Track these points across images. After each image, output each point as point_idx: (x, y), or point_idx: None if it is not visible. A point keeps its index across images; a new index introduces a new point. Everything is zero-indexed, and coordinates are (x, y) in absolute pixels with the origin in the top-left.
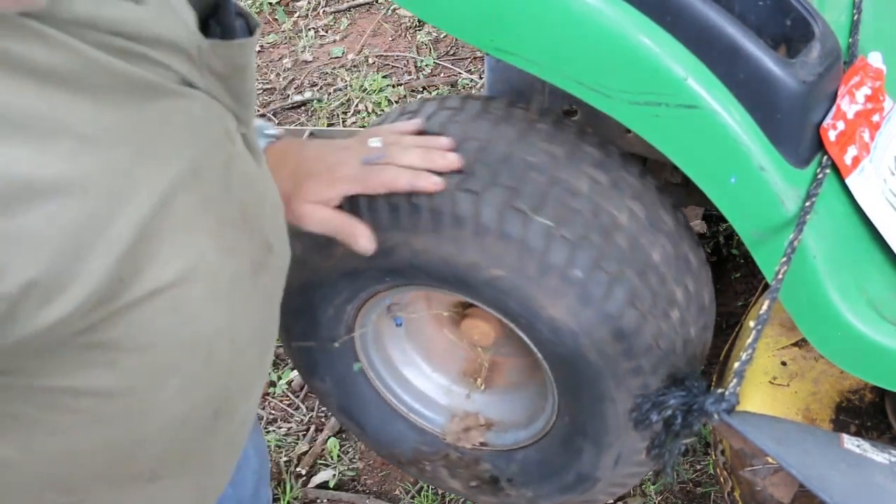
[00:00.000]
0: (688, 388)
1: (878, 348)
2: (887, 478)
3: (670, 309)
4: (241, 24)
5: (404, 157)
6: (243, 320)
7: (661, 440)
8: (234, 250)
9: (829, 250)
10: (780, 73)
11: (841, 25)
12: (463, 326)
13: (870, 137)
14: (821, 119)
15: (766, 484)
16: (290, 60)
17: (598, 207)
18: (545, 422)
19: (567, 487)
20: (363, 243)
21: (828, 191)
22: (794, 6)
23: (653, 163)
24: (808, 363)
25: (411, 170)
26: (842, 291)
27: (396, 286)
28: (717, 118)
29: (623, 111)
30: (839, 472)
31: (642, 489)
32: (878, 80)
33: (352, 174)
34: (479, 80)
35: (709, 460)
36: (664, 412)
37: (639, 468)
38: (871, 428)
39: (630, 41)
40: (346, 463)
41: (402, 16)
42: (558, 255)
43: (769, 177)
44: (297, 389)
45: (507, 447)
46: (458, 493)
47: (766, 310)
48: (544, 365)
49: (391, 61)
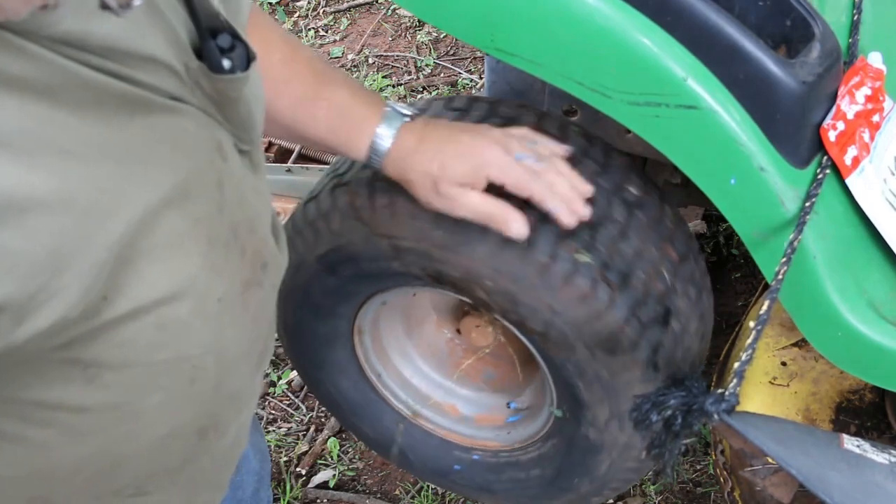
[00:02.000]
0: (688, 389)
1: (878, 348)
2: (887, 478)
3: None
4: (240, 54)
5: (556, 180)
6: (231, 338)
7: (661, 440)
8: (225, 270)
9: (829, 250)
10: (780, 74)
11: (841, 25)
12: (463, 325)
13: (870, 138)
14: (821, 119)
15: (766, 484)
16: None
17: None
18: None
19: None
20: (517, 228)
21: (828, 191)
22: (794, 6)
23: (653, 163)
24: (808, 363)
25: (559, 196)
26: (842, 291)
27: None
28: (717, 119)
29: (623, 112)
30: (839, 472)
31: (642, 489)
32: (878, 81)
33: (500, 162)
34: (479, 80)
35: (709, 460)
36: (664, 412)
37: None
38: (871, 428)
39: (630, 41)
40: (346, 463)
41: (402, 16)
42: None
43: (769, 177)
44: (297, 389)
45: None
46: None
47: (766, 310)
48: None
49: (391, 61)
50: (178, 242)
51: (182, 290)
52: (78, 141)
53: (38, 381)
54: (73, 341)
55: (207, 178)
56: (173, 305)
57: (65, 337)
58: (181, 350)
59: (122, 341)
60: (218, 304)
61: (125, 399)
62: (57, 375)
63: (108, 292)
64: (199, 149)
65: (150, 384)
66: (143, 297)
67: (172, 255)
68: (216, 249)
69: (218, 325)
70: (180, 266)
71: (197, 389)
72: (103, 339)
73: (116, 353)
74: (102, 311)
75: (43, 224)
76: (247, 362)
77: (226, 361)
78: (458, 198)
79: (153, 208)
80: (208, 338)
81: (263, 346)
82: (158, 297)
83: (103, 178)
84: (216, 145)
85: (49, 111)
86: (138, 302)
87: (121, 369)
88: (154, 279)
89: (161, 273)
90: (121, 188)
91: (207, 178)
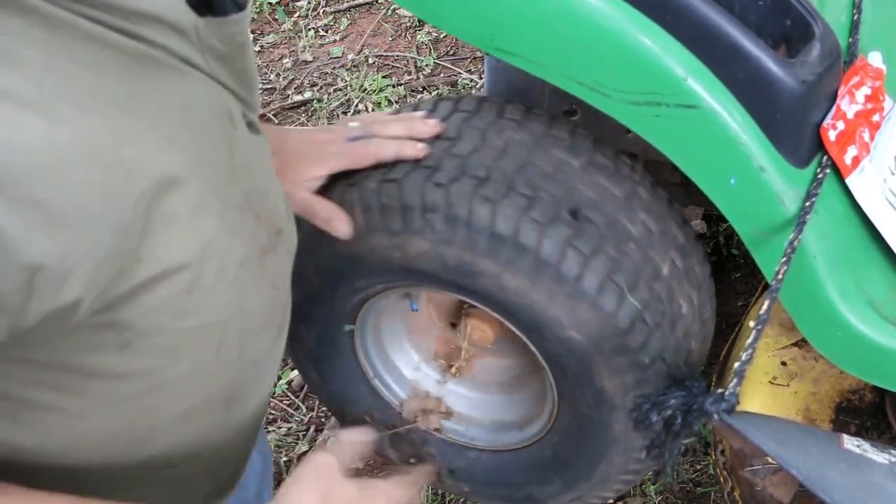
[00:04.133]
0: (688, 389)
1: (878, 348)
2: (887, 478)
3: (676, 321)
4: (230, 2)
5: (387, 129)
6: (253, 304)
7: (661, 440)
8: (242, 234)
9: (829, 250)
10: (780, 73)
11: (841, 25)
12: (463, 325)
13: (870, 137)
14: (821, 119)
15: (766, 484)
16: (290, 60)
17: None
18: (529, 436)
19: (511, 500)
20: (340, 227)
21: (828, 191)
22: (794, 6)
23: (652, 163)
24: (808, 363)
25: (396, 140)
26: (842, 291)
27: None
28: (716, 118)
29: (623, 111)
30: (839, 472)
31: (642, 489)
32: (878, 80)
33: (338, 151)
34: (479, 80)
35: (709, 460)
36: (664, 412)
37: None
38: (871, 428)
39: (630, 41)
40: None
41: (402, 16)
42: (572, 266)
43: (769, 177)
44: (297, 389)
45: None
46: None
47: (766, 310)
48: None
49: (391, 61)
50: (198, 206)
51: (204, 253)
52: (98, 97)
53: (74, 347)
54: (108, 305)
55: (219, 143)
56: (198, 269)
57: (102, 301)
58: (208, 315)
59: (154, 306)
60: (239, 268)
61: (157, 366)
62: (92, 342)
63: (141, 253)
64: (211, 113)
65: (180, 350)
66: (171, 260)
67: (194, 219)
68: (231, 213)
69: (240, 290)
70: (201, 229)
71: (223, 356)
72: (135, 303)
73: (148, 319)
74: (136, 272)
75: (70, 177)
76: (268, 330)
77: (249, 328)
78: (290, 197)
79: (173, 168)
80: (232, 303)
81: (282, 315)
82: (184, 259)
83: (124, 133)
84: (226, 111)
85: (69, 68)
86: (167, 264)
87: (152, 335)
88: (179, 242)
89: (184, 236)
90: (141, 145)
91: (219, 143)
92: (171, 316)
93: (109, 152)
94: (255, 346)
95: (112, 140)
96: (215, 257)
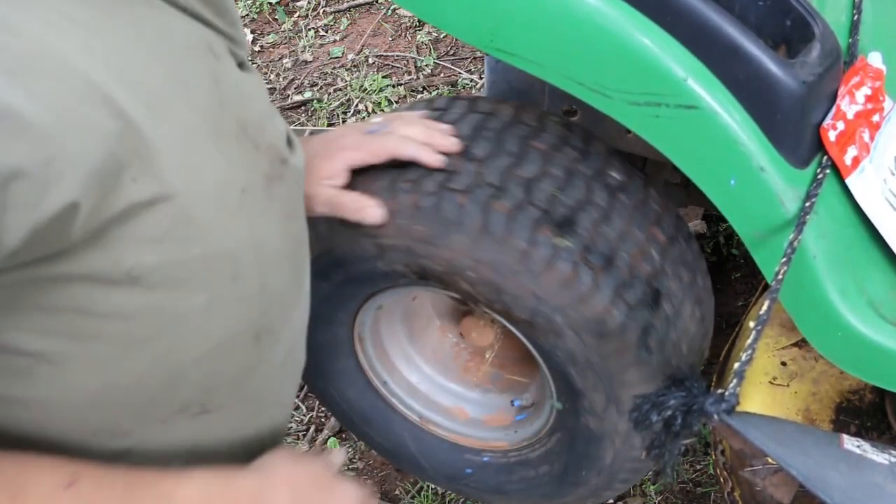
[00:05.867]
0: (688, 389)
1: (878, 348)
2: (887, 478)
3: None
4: None
5: (407, 128)
6: (265, 233)
7: (661, 440)
8: (241, 162)
9: (829, 250)
10: (780, 74)
11: (841, 25)
12: (463, 326)
13: (870, 138)
14: (821, 119)
15: (766, 484)
16: (290, 60)
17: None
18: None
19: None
20: (372, 213)
21: (828, 191)
22: (794, 6)
23: (652, 163)
24: (808, 363)
25: (415, 142)
26: (842, 291)
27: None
28: (716, 119)
29: (623, 112)
30: (839, 472)
31: (642, 489)
32: (878, 80)
33: (353, 143)
34: (479, 80)
35: (709, 460)
36: (664, 412)
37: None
38: (871, 428)
39: (630, 41)
40: (346, 463)
41: (402, 16)
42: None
43: (769, 177)
44: None
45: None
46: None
47: (766, 310)
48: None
49: (391, 61)
50: (189, 132)
51: (200, 179)
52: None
53: (80, 286)
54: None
55: (202, 73)
56: (196, 196)
57: (97, 219)
58: (214, 244)
59: (155, 236)
60: (241, 195)
61: (169, 301)
62: (98, 278)
63: (134, 172)
64: (189, 46)
65: (191, 282)
66: (165, 180)
67: (186, 145)
68: (226, 141)
69: (247, 219)
70: (194, 155)
71: (241, 289)
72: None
73: (153, 251)
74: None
75: (46, 87)
76: (287, 261)
77: (265, 258)
78: (315, 196)
79: (153, 87)
80: (241, 231)
81: (299, 246)
82: (179, 181)
83: (101, 48)
84: (206, 45)
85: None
86: (162, 188)
87: (159, 268)
88: (172, 166)
89: (178, 161)
90: (119, 62)
91: (202, 73)
92: (174, 246)
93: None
94: (275, 279)
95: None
96: (215, 186)
